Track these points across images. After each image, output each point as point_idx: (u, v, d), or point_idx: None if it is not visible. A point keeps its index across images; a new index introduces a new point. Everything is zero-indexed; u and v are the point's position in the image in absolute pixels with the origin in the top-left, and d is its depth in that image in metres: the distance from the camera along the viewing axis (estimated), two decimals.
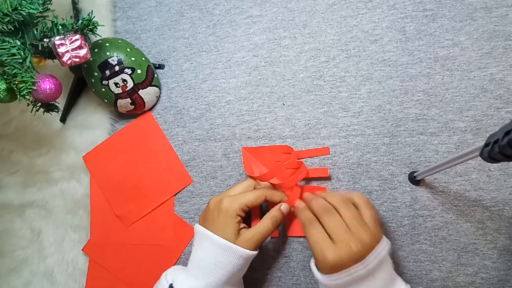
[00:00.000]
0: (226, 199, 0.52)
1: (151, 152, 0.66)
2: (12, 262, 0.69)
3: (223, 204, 0.52)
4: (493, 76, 0.56)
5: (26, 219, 0.70)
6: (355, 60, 0.61)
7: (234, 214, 0.51)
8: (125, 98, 0.63)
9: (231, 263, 0.49)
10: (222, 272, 0.49)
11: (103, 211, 0.66)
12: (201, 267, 0.50)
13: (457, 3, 0.59)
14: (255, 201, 0.52)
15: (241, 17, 0.66)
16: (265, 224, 0.52)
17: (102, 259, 0.65)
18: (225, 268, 0.49)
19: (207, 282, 0.49)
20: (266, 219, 0.52)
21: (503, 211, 0.54)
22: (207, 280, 0.49)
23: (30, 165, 0.70)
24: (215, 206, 0.53)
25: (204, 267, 0.50)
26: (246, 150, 0.61)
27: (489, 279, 0.53)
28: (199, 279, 0.49)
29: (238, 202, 0.52)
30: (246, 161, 0.60)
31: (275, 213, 0.53)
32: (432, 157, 0.56)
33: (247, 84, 0.64)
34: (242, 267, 0.51)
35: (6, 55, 0.49)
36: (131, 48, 0.64)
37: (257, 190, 0.55)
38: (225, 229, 0.50)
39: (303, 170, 0.57)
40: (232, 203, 0.52)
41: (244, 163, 0.60)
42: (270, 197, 0.54)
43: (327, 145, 0.59)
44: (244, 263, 0.51)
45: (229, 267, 0.49)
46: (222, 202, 0.52)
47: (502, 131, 0.34)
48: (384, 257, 0.46)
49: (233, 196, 0.53)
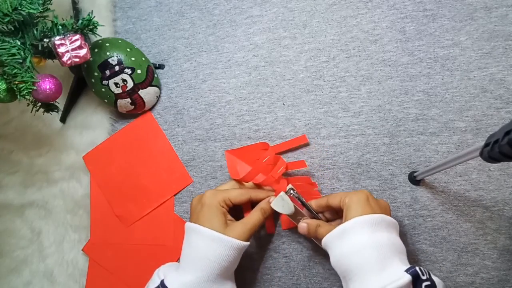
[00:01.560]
0: (208, 192, 0.53)
1: (151, 152, 0.66)
2: (12, 262, 0.69)
3: (205, 197, 0.53)
4: (493, 76, 0.56)
5: (26, 219, 0.69)
6: (355, 60, 0.61)
7: (217, 205, 0.52)
8: (125, 98, 0.63)
9: (221, 255, 0.48)
10: (213, 265, 0.48)
11: (103, 211, 0.66)
12: (191, 261, 0.49)
13: (457, 3, 0.59)
14: (238, 197, 0.53)
15: (241, 17, 0.66)
16: (254, 215, 0.53)
17: (102, 259, 0.65)
18: (215, 260, 0.48)
19: (197, 276, 0.48)
20: (256, 211, 0.53)
21: (503, 211, 0.54)
22: (198, 274, 0.48)
23: (30, 165, 0.70)
24: (197, 202, 0.54)
25: (194, 261, 0.49)
26: (230, 152, 0.62)
27: (489, 279, 0.53)
28: (190, 273, 0.48)
29: (220, 195, 0.53)
30: (231, 163, 0.61)
31: (264, 205, 0.54)
32: (432, 157, 0.56)
33: (247, 84, 0.64)
34: (233, 259, 0.49)
35: (6, 55, 0.49)
36: (131, 48, 0.64)
37: (241, 188, 0.56)
38: (212, 220, 0.50)
39: (282, 164, 0.57)
40: (214, 195, 0.53)
41: (229, 166, 0.61)
42: (255, 196, 0.55)
43: (327, 145, 0.59)
44: (234, 255, 0.49)
45: (220, 259, 0.48)
46: (204, 196, 0.53)
47: (502, 131, 0.34)
48: (394, 224, 0.48)
49: (215, 189, 0.54)
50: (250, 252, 0.60)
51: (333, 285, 0.57)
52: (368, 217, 0.46)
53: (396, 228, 0.48)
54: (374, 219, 0.46)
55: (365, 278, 0.43)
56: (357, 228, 0.45)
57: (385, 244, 0.44)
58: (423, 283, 0.41)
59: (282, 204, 0.52)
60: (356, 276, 0.44)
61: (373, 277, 0.42)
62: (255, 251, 0.60)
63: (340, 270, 0.46)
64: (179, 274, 0.49)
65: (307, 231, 0.51)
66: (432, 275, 0.43)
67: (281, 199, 0.52)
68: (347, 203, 0.48)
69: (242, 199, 0.54)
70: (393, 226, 0.47)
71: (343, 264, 0.45)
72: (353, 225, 0.46)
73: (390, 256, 0.44)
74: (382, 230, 0.45)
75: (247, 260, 0.60)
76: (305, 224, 0.52)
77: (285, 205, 0.52)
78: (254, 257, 0.60)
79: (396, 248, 0.45)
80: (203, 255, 0.49)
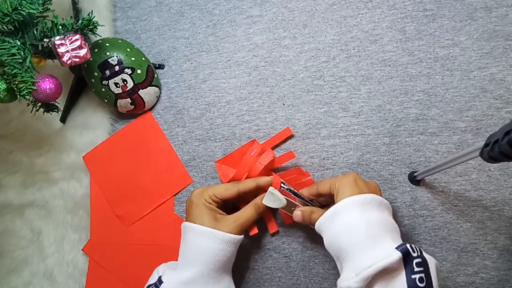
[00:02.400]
0: (195, 191, 0.55)
1: (151, 152, 0.66)
2: (12, 262, 0.69)
3: (192, 196, 0.54)
4: (493, 76, 0.56)
5: (26, 219, 0.69)
6: (355, 60, 0.61)
7: (204, 201, 0.53)
8: (125, 98, 0.63)
9: (215, 249, 0.49)
10: (208, 259, 0.49)
11: (103, 211, 0.66)
12: (187, 257, 0.50)
13: (457, 3, 0.59)
14: (224, 192, 0.54)
15: (241, 17, 0.66)
16: (247, 210, 0.53)
17: (102, 259, 0.65)
18: (210, 255, 0.49)
19: (193, 272, 0.49)
20: (249, 206, 0.54)
21: (503, 211, 0.54)
22: (194, 269, 0.49)
23: (30, 165, 0.70)
24: (188, 202, 0.55)
25: (189, 258, 0.50)
26: (219, 163, 0.62)
27: (489, 279, 0.53)
28: (187, 270, 0.49)
29: (206, 192, 0.54)
30: (222, 173, 0.61)
31: (258, 200, 0.54)
32: (432, 157, 0.56)
33: (247, 84, 0.64)
34: (227, 252, 0.50)
35: (6, 55, 0.49)
36: (131, 48, 0.64)
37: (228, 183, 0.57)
38: (201, 216, 0.51)
39: (269, 153, 0.57)
40: (200, 193, 0.54)
41: (221, 176, 0.61)
42: (243, 188, 0.55)
43: (327, 145, 0.59)
44: (229, 248, 0.50)
45: (214, 253, 0.49)
46: (191, 194, 0.54)
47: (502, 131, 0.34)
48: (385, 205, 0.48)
49: (202, 188, 0.55)
50: (250, 252, 0.60)
51: (333, 285, 0.57)
52: (357, 197, 0.46)
53: (387, 208, 0.48)
54: (363, 199, 0.46)
55: (356, 256, 0.43)
56: (347, 208, 0.46)
57: (376, 222, 0.45)
58: (414, 260, 0.41)
59: (273, 199, 0.53)
60: (348, 255, 0.44)
61: (364, 255, 0.43)
62: (255, 251, 0.60)
63: (333, 251, 0.47)
64: (176, 272, 0.50)
65: (302, 219, 0.52)
66: (424, 253, 0.43)
67: (271, 194, 0.52)
68: (337, 187, 0.49)
69: (229, 193, 0.54)
70: (384, 205, 0.48)
71: (335, 245, 0.46)
72: (343, 206, 0.46)
73: (381, 234, 0.44)
74: (372, 209, 0.46)
75: (247, 260, 0.60)
76: (299, 212, 0.52)
77: (276, 200, 0.52)
78: (254, 257, 0.60)
79: (387, 226, 0.46)
80: (197, 251, 0.50)
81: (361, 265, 0.42)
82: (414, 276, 0.40)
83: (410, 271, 0.41)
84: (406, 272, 0.41)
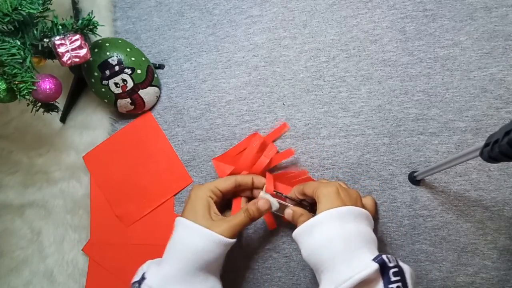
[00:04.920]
0: (195, 185, 0.54)
1: (151, 152, 0.66)
2: (12, 262, 0.69)
3: (191, 191, 0.54)
4: (493, 76, 0.56)
5: (26, 219, 0.69)
6: (355, 60, 0.61)
7: (203, 196, 0.52)
8: (125, 98, 0.63)
9: (204, 249, 0.48)
10: (193, 257, 0.48)
11: (103, 211, 0.66)
12: (171, 253, 0.50)
13: (457, 3, 0.59)
14: (225, 184, 0.54)
15: (241, 17, 0.66)
16: (239, 215, 0.52)
17: (102, 259, 0.65)
18: (195, 253, 0.48)
19: (176, 268, 0.48)
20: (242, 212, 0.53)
21: (503, 211, 0.54)
22: (177, 265, 0.48)
23: (30, 165, 0.70)
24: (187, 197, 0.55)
25: (174, 253, 0.49)
26: (217, 160, 0.62)
27: (489, 279, 0.53)
28: (169, 265, 0.48)
29: (206, 185, 0.54)
30: (220, 170, 0.61)
31: (250, 206, 0.52)
32: (432, 157, 0.56)
33: (247, 84, 0.64)
34: (216, 254, 0.49)
35: (6, 55, 0.49)
36: (131, 48, 0.64)
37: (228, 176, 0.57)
38: (195, 212, 0.51)
39: (273, 147, 0.58)
40: (200, 187, 0.54)
41: (219, 173, 0.61)
42: (241, 180, 0.55)
43: (327, 145, 0.59)
44: (218, 250, 0.49)
45: (200, 252, 0.48)
46: (191, 190, 0.54)
47: (502, 131, 0.34)
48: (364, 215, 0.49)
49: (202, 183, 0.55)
50: (250, 252, 0.60)
51: None
52: (335, 210, 0.46)
53: (366, 218, 0.49)
54: (341, 212, 0.46)
55: (334, 269, 0.44)
56: (325, 222, 0.46)
57: (353, 235, 0.46)
58: (391, 270, 0.42)
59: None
60: (326, 268, 0.45)
61: (342, 267, 0.43)
62: (255, 251, 0.60)
63: (312, 263, 0.47)
64: (159, 267, 0.49)
65: (291, 218, 0.52)
66: (400, 262, 0.44)
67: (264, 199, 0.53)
68: (318, 196, 0.49)
69: (228, 183, 0.54)
70: (362, 216, 0.48)
71: (315, 257, 0.46)
72: (322, 219, 0.47)
73: (358, 246, 0.45)
74: (350, 221, 0.46)
75: (247, 260, 0.60)
76: (290, 211, 0.53)
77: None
78: (254, 257, 0.60)
79: (364, 238, 0.46)
80: (183, 247, 0.49)
81: (339, 278, 0.42)
82: (391, 286, 0.41)
83: (387, 281, 0.42)
84: (384, 282, 0.42)
